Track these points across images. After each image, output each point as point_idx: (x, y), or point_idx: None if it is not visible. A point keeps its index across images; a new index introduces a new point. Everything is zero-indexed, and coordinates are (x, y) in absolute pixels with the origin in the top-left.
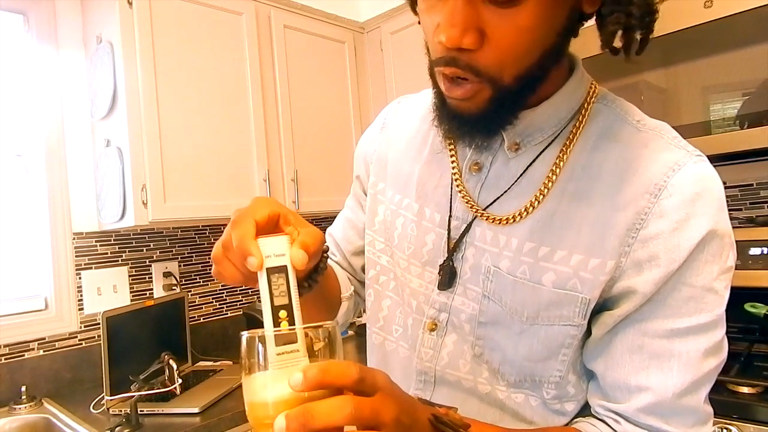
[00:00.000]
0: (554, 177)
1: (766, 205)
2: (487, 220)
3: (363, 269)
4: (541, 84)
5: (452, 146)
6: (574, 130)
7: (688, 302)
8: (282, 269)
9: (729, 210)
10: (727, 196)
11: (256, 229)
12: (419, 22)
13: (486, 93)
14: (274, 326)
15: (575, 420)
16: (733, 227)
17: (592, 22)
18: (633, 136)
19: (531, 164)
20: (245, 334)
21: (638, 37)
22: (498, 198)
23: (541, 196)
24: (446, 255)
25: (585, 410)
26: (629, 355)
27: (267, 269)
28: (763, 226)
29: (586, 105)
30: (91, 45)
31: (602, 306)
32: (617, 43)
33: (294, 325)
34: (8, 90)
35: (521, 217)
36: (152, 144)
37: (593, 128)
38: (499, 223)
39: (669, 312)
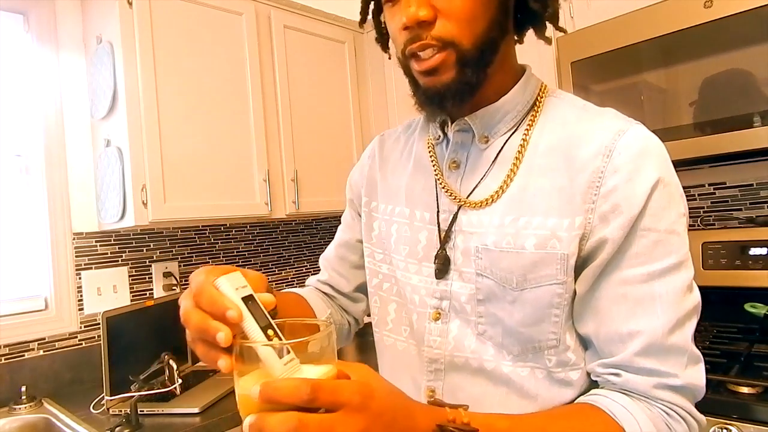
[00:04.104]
0: (521, 157)
1: (766, 205)
2: (470, 206)
3: (363, 284)
4: (495, 61)
5: (432, 152)
6: (532, 118)
7: (657, 246)
8: (250, 297)
9: (729, 210)
10: (727, 196)
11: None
12: (381, 37)
13: (451, 58)
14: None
15: (577, 400)
16: (733, 227)
17: (592, 22)
18: (582, 115)
19: (500, 150)
20: (236, 347)
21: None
22: (477, 185)
23: (513, 174)
24: (439, 246)
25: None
26: (615, 306)
27: (242, 299)
28: (763, 226)
29: (539, 99)
30: (91, 45)
31: (581, 265)
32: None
33: (281, 339)
34: (8, 90)
35: (498, 195)
36: (152, 144)
37: (548, 115)
38: (481, 206)
39: (642, 259)
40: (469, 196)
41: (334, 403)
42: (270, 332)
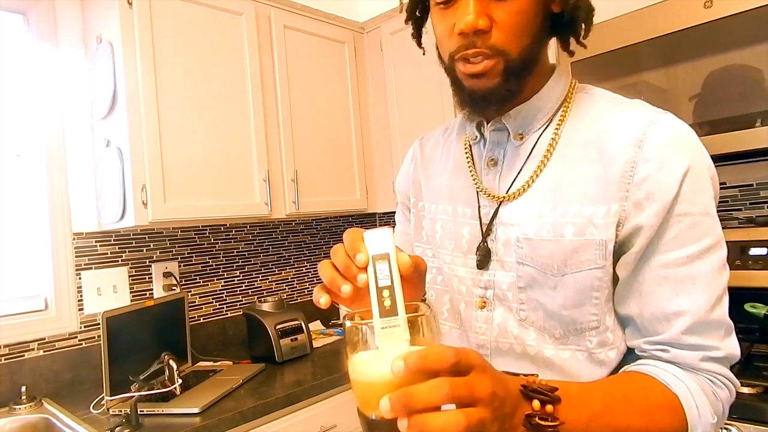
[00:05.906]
0: (552, 150)
1: (766, 205)
2: (508, 200)
3: None
4: (534, 69)
5: (468, 153)
6: (563, 113)
7: (693, 229)
8: (385, 256)
9: (729, 210)
10: (727, 196)
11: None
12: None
13: (499, 66)
14: (378, 305)
15: (623, 369)
16: (733, 227)
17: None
18: (612, 107)
19: (534, 145)
20: (348, 323)
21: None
22: (514, 180)
23: (543, 166)
24: (481, 238)
25: (625, 359)
26: (658, 287)
27: (372, 256)
28: (763, 226)
29: (569, 95)
30: (91, 45)
31: (619, 251)
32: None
33: (396, 304)
34: (8, 90)
35: (528, 185)
36: (152, 144)
37: (579, 109)
38: (516, 197)
39: (681, 242)
40: (508, 190)
41: (469, 366)
42: (385, 293)
